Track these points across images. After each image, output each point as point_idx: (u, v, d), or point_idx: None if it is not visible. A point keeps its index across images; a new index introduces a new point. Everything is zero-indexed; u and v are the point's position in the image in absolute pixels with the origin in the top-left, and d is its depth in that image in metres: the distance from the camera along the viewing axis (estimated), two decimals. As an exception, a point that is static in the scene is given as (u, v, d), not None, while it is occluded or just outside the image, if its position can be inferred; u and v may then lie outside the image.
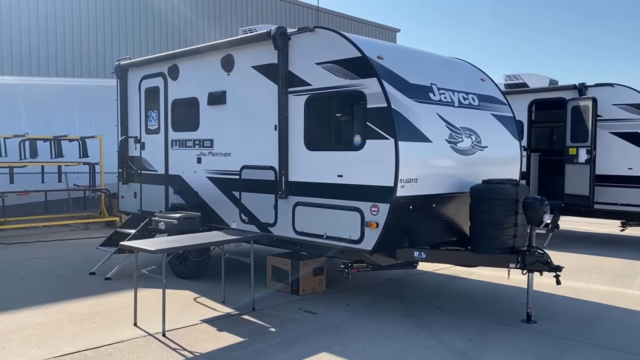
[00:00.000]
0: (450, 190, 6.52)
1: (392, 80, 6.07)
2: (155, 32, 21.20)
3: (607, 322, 6.31)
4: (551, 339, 5.65)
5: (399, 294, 7.49)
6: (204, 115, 8.01)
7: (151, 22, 21.02)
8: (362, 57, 6.09)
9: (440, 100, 6.57)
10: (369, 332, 5.82)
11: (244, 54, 7.41)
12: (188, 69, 8.30)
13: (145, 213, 9.07)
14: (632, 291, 7.64)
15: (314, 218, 6.58)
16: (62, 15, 18.34)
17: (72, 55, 18.38)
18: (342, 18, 30.03)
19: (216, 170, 7.84)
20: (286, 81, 6.81)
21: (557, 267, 6.02)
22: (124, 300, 7.06)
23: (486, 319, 6.30)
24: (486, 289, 7.79)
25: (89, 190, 14.39)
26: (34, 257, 9.96)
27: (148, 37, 20.74)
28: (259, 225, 7.26)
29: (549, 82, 12.59)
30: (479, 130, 6.91)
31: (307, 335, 5.74)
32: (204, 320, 6.22)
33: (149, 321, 6.12)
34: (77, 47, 18.64)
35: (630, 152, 10.61)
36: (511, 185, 6.22)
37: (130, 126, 9.41)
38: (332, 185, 6.39)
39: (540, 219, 6.03)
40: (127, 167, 9.43)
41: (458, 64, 7.74)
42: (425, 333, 5.83)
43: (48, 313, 6.51)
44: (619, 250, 10.71)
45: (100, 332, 5.85)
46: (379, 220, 5.95)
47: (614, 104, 10.82)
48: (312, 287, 7.40)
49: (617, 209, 10.71)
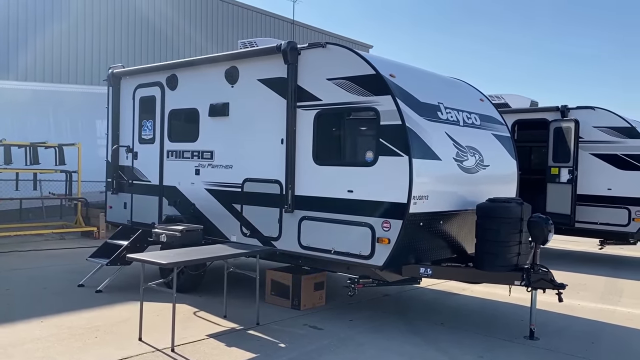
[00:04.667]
0: (456, 208, 6.62)
1: (404, 98, 6.15)
2: (137, 37, 20.95)
3: (605, 339, 6.48)
4: (557, 355, 5.78)
5: (398, 309, 7.53)
6: (204, 126, 7.93)
7: (132, 27, 20.77)
8: (376, 74, 6.16)
9: (447, 119, 6.70)
10: (378, 348, 5.83)
11: (249, 66, 7.39)
12: (188, 80, 8.21)
13: (135, 224, 8.89)
14: (620, 308, 7.88)
15: (322, 233, 6.58)
16: (42, 19, 17.97)
17: (51, 60, 17.97)
18: (317, 32, 30.31)
19: (216, 182, 7.76)
20: (295, 95, 6.82)
21: (560, 284, 6.17)
22: (122, 313, 6.89)
23: (489, 336, 6.40)
24: (482, 305, 7.91)
25: (66, 199, 14.00)
26: (14, 268, 9.60)
27: (129, 43, 20.48)
28: (261, 239, 7.20)
29: (530, 103, 12.95)
30: (481, 149, 7.06)
31: (319, 351, 5.71)
32: (210, 336, 6.11)
33: (153, 336, 5.99)
34: (57, 52, 18.26)
35: (610, 173, 10.99)
36: (516, 204, 6.37)
37: (122, 135, 9.23)
38: (342, 200, 6.41)
39: (545, 237, 6.18)
40: (117, 176, 9.23)
41: (459, 83, 7.90)
42: (433, 350, 5.87)
43: (45, 327, 6.29)
44: (599, 268, 11.04)
45: (104, 347, 5.69)
46: (390, 236, 5.99)
47: (595, 126, 11.21)
48: (312, 302, 7.37)
49: (596, 228, 11.06)
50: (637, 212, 10.70)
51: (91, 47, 19.22)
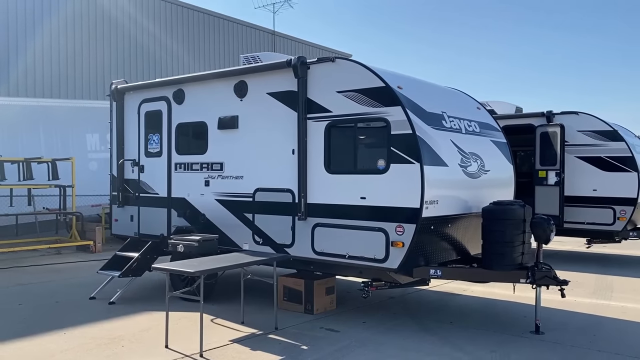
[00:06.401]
0: (462, 211, 6.97)
1: (412, 108, 6.49)
2: (119, 51, 21.03)
3: (605, 332, 6.87)
4: (564, 347, 6.15)
5: (407, 311, 7.84)
6: (213, 139, 8.16)
7: (114, 41, 20.86)
8: (385, 87, 6.49)
9: (451, 127, 7.06)
10: (397, 348, 6.13)
11: (258, 80, 7.65)
12: (195, 94, 8.43)
13: (143, 236, 9.05)
14: (614, 303, 8.31)
15: (336, 238, 6.86)
16: (32, 33, 18.01)
17: (42, 75, 17.98)
18: (297, 42, 30.71)
19: (226, 192, 7.99)
20: (305, 108, 7.11)
21: (563, 281, 6.55)
22: (141, 323, 7.06)
23: (497, 332, 6.74)
24: (484, 304, 8.26)
25: (61, 213, 14.01)
26: (19, 283, 9.67)
27: (112, 57, 20.53)
28: (274, 246, 7.45)
29: (515, 109, 13.46)
30: (482, 155, 7.44)
31: (342, 351, 5.98)
32: (232, 341, 6.34)
33: (178, 343, 6.19)
34: (47, 66, 18.30)
35: (595, 174, 11.51)
36: (519, 206, 6.74)
37: (127, 149, 9.40)
38: (355, 207, 6.70)
39: (547, 237, 6.57)
40: (123, 190, 9.38)
41: (457, 93, 8.29)
42: (449, 347, 6.18)
43: (69, 338, 6.44)
44: (587, 266, 11.52)
45: (134, 355, 5.87)
46: (404, 240, 6.30)
47: (579, 130, 11.74)
48: (324, 307, 7.64)
49: (583, 228, 11.55)
50: (622, 212, 11.23)
51: (81, 62, 19.32)
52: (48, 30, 18.46)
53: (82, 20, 19.74)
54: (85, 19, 19.86)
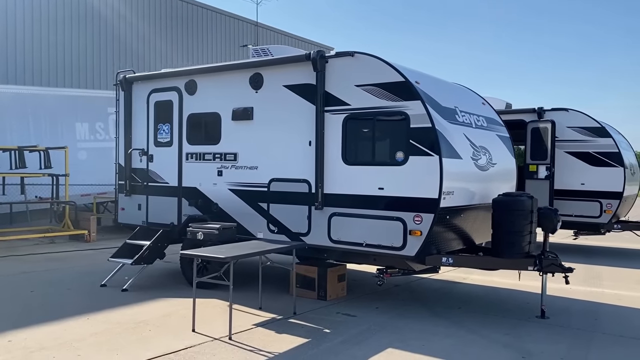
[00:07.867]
0: (473, 202, 7.29)
1: (430, 103, 6.77)
2: (102, 41, 20.86)
3: (605, 316, 7.29)
4: (571, 330, 6.53)
5: (415, 297, 8.15)
6: (227, 129, 8.31)
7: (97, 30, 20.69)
8: (405, 81, 6.75)
9: (463, 121, 7.36)
10: (416, 331, 6.42)
11: (274, 73, 7.83)
12: (208, 85, 8.56)
13: (152, 225, 9.15)
14: (608, 290, 8.78)
15: (352, 227, 7.10)
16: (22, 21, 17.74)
17: (31, 63, 17.75)
18: (279, 34, 30.82)
19: (240, 182, 8.16)
20: (323, 101, 7.32)
21: (568, 268, 6.93)
22: (161, 309, 7.21)
23: (506, 317, 7.10)
24: (485, 292, 8.63)
25: (55, 202, 13.93)
26: (23, 272, 9.68)
27: (101, 50, 20.38)
28: (290, 235, 7.66)
29: (505, 105, 13.87)
30: (490, 149, 7.77)
31: (363, 334, 6.25)
32: (256, 325, 6.55)
33: (203, 327, 6.37)
34: (37, 54, 18.07)
35: (583, 169, 12.02)
36: (527, 198, 7.09)
37: (135, 138, 9.47)
38: (372, 197, 6.96)
39: (554, 227, 6.95)
40: (130, 179, 9.46)
41: (464, 89, 8.60)
42: (464, 330, 6.51)
43: (94, 323, 6.56)
44: (574, 256, 11.99)
45: (163, 338, 6.03)
46: (422, 229, 6.59)
47: (568, 126, 12.22)
48: (336, 293, 7.89)
49: (571, 220, 12.04)
50: (608, 205, 11.76)
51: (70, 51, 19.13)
52: (30, 19, 18.21)
53: (65, 10, 19.53)
54: (67, 10, 19.65)
